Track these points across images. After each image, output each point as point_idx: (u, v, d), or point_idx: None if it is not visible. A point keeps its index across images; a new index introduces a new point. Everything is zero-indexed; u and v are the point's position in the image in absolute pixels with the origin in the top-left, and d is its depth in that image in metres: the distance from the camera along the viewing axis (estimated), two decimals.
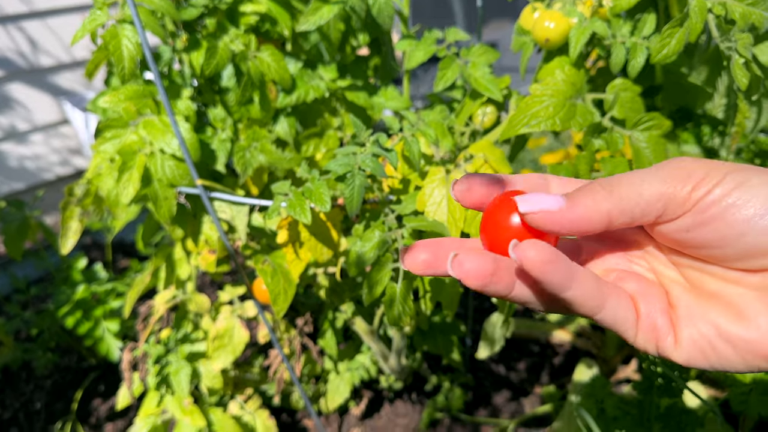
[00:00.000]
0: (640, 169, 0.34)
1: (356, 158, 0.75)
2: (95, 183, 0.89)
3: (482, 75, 0.90)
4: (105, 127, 0.92)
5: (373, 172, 0.74)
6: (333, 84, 1.01)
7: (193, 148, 0.89)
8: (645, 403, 0.88)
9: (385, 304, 0.75)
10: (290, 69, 0.99)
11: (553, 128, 0.70)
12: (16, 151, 2.36)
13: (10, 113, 2.27)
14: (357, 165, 0.74)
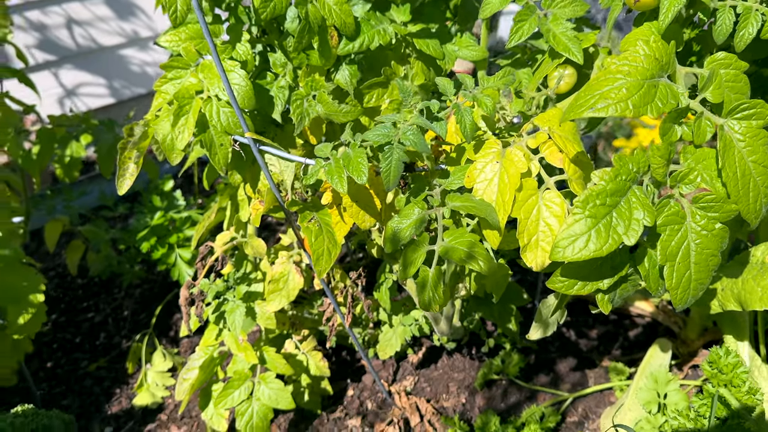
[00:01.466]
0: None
1: (397, 129, 0.69)
2: (153, 126, 0.89)
3: (563, 31, 0.79)
4: (166, 67, 0.91)
5: (415, 147, 0.67)
6: (402, 29, 0.93)
7: (247, 96, 0.86)
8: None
9: (417, 286, 0.71)
10: (357, 11, 0.92)
11: (623, 113, 0.60)
12: (138, 57, 2.47)
13: (133, 20, 2.36)
14: (397, 137, 0.68)
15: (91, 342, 1.50)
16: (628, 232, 0.62)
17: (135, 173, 0.91)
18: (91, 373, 1.41)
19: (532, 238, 0.71)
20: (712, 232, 0.64)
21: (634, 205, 0.63)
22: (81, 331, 1.54)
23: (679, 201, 0.65)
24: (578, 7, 0.81)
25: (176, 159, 0.91)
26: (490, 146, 0.74)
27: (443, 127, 0.72)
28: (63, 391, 1.36)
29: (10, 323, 1.16)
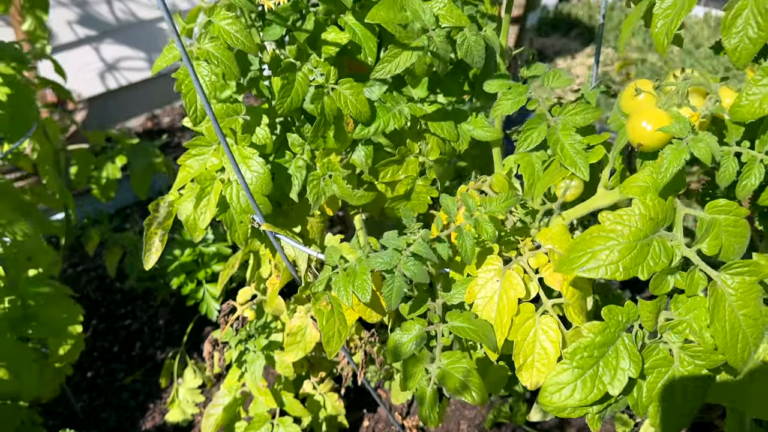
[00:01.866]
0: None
1: (400, 256, 0.72)
2: (176, 206, 0.94)
3: (571, 143, 0.79)
4: (190, 145, 0.94)
5: (415, 278, 0.70)
6: (419, 109, 0.94)
7: (264, 183, 0.90)
8: None
9: (417, 399, 0.75)
10: (374, 92, 0.93)
11: (614, 276, 0.62)
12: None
13: None
14: (399, 268, 0.71)
15: (127, 352, 1.60)
16: (613, 382, 0.65)
17: (161, 249, 0.97)
18: (127, 386, 1.52)
19: (528, 359, 0.74)
20: (698, 376, 0.66)
21: (621, 354, 0.65)
22: (119, 339, 1.64)
23: (668, 344, 0.67)
24: (589, 114, 0.81)
25: (199, 236, 0.96)
26: (491, 262, 0.77)
27: (445, 250, 0.74)
28: (102, 403, 1.47)
29: (51, 353, 1.26)
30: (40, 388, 1.26)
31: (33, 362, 1.21)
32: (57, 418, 1.42)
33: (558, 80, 0.84)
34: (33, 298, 1.22)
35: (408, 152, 0.98)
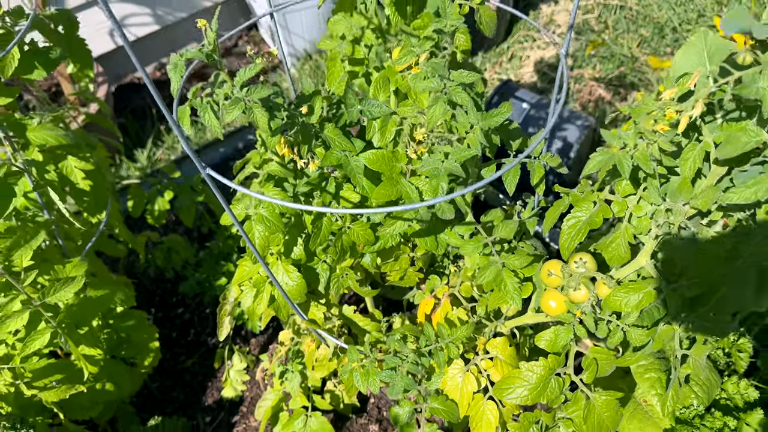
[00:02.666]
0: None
1: (397, 371, 1.13)
2: (239, 299, 1.34)
3: (511, 282, 1.17)
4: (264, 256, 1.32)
5: (403, 392, 1.12)
6: (409, 229, 1.30)
7: (300, 291, 1.28)
8: None
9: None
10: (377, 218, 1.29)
11: (525, 402, 1.03)
12: None
13: None
14: (397, 377, 1.12)
15: (184, 338, 2.05)
16: None
17: (230, 327, 1.37)
18: (188, 368, 1.98)
19: (479, 423, 1.17)
20: None
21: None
22: (175, 326, 2.08)
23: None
24: (531, 257, 1.18)
25: (255, 319, 1.36)
26: (456, 364, 1.18)
27: (427, 362, 1.15)
28: (171, 384, 1.94)
29: (138, 364, 1.70)
30: (132, 389, 1.71)
31: (126, 373, 1.66)
32: (140, 399, 1.90)
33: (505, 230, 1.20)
34: (123, 330, 1.64)
35: (401, 253, 1.36)
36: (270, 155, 1.22)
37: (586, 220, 1.02)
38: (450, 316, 1.25)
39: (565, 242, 1.04)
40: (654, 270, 1.00)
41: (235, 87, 1.00)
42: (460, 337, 1.14)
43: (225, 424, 1.83)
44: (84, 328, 1.34)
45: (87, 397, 1.55)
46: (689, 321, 0.98)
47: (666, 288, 0.96)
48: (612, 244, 1.01)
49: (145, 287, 2.18)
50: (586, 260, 1.07)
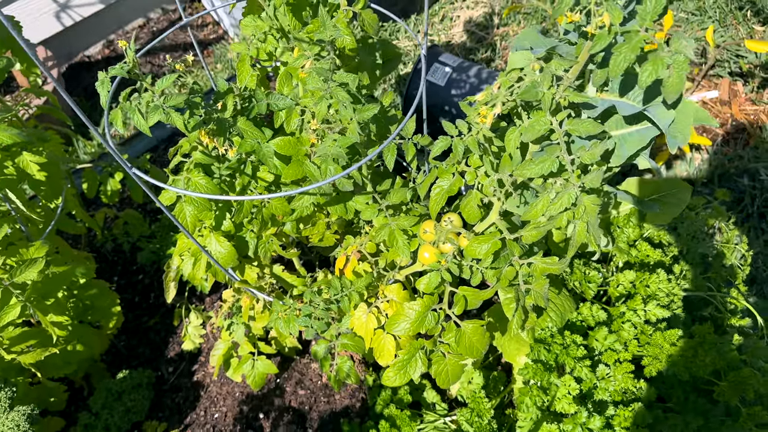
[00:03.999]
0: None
1: (312, 316, 1.39)
2: (180, 267, 1.58)
3: (402, 239, 1.44)
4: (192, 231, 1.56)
5: (319, 329, 1.39)
6: (322, 199, 1.55)
7: (231, 258, 1.53)
8: None
9: (321, 363, 1.48)
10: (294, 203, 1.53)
11: (407, 334, 1.31)
12: None
13: None
14: (312, 322, 1.39)
15: (146, 301, 2.30)
16: (414, 373, 1.37)
17: (174, 290, 1.62)
18: (151, 327, 2.23)
19: (381, 354, 1.46)
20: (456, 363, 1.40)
21: (417, 359, 1.37)
22: (137, 291, 2.32)
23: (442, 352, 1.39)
24: (417, 218, 1.44)
25: (197, 282, 1.61)
26: (361, 308, 1.45)
27: (335, 308, 1.42)
28: (136, 342, 2.20)
29: (103, 327, 1.95)
30: (101, 348, 1.96)
31: (94, 335, 1.91)
32: (109, 357, 2.16)
33: (396, 196, 1.46)
34: (87, 298, 1.88)
35: (317, 219, 1.61)
36: (196, 144, 1.45)
37: (447, 187, 1.28)
38: (357, 269, 1.51)
39: (432, 206, 1.30)
40: (502, 224, 1.27)
41: (155, 95, 1.22)
42: (361, 286, 1.41)
43: (186, 372, 2.10)
44: (50, 300, 1.58)
45: (60, 358, 1.80)
46: (528, 262, 1.26)
47: (505, 238, 1.24)
48: (468, 206, 1.27)
49: (107, 259, 2.41)
50: (452, 219, 1.34)
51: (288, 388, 2.01)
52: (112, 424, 1.85)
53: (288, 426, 1.92)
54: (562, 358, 1.37)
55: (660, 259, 1.59)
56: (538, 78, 0.98)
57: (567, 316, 1.45)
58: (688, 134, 0.98)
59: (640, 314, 1.40)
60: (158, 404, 2.02)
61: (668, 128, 0.99)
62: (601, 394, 1.40)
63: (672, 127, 0.99)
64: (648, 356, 1.35)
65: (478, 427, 1.53)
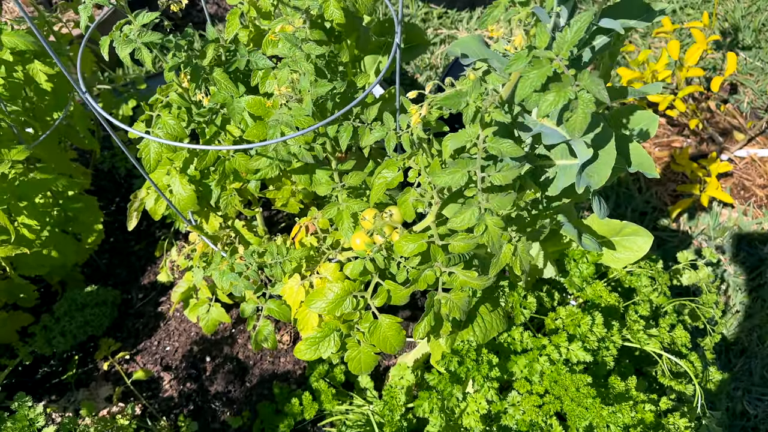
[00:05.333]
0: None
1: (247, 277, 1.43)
2: (143, 202, 1.64)
3: (348, 221, 1.44)
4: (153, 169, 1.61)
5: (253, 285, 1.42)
6: (286, 166, 1.57)
7: (191, 201, 1.57)
8: None
9: (249, 320, 1.51)
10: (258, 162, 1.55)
11: (323, 312, 1.33)
12: None
13: None
14: (251, 277, 1.42)
15: (138, 227, 2.39)
16: (325, 352, 1.39)
17: (136, 220, 1.68)
18: (135, 251, 2.33)
19: (305, 325, 1.48)
20: (370, 353, 1.40)
21: (331, 341, 1.38)
22: None
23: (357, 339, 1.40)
24: (363, 204, 1.45)
25: (158, 217, 1.67)
26: (295, 279, 1.47)
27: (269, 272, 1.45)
28: (117, 262, 2.30)
29: (83, 241, 2.04)
30: (76, 259, 2.07)
31: (72, 245, 2.00)
32: (89, 270, 2.27)
33: (353, 178, 1.46)
34: (71, 210, 1.97)
35: (283, 185, 1.64)
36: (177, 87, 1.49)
37: (389, 179, 1.28)
38: (304, 241, 1.53)
39: (372, 194, 1.30)
40: (434, 228, 1.26)
41: (133, 30, 1.26)
42: (296, 257, 1.43)
43: (153, 302, 2.19)
44: (24, 203, 1.67)
45: (33, 259, 1.90)
46: (450, 271, 1.24)
47: (433, 242, 1.23)
48: (404, 203, 1.27)
49: (115, 181, 2.51)
50: (393, 213, 1.34)
51: (240, 341, 2.07)
52: (68, 331, 1.95)
53: (227, 375, 1.98)
54: (472, 373, 1.35)
55: (612, 304, 1.53)
56: (466, 89, 0.96)
57: (491, 335, 1.43)
58: (604, 178, 0.94)
59: (562, 351, 1.37)
60: (119, 325, 2.12)
61: (586, 167, 0.96)
62: (508, 420, 1.38)
63: (591, 167, 0.96)
64: (550, 394, 1.32)
65: (389, 420, 1.53)
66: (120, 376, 1.98)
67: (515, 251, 1.19)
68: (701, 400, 1.45)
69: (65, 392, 1.95)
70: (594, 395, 1.25)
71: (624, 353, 1.60)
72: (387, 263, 1.31)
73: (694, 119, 2.64)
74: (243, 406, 1.92)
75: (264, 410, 1.82)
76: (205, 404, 1.93)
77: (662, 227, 2.61)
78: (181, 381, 1.99)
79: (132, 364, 2.02)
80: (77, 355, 2.03)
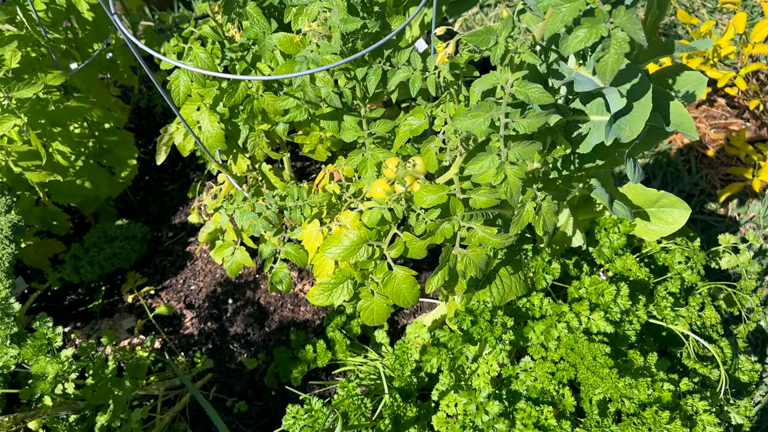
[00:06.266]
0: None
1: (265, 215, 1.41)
2: (172, 137, 1.64)
3: (372, 170, 1.40)
4: (183, 105, 1.59)
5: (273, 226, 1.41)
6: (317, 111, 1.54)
7: (218, 139, 1.56)
8: None
9: (272, 279, 1.50)
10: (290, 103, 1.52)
11: (337, 259, 1.31)
12: None
13: None
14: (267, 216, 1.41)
15: (173, 167, 2.41)
16: (339, 298, 1.37)
17: (166, 153, 1.69)
18: (168, 191, 2.35)
19: (320, 269, 1.46)
20: (382, 304, 1.38)
21: (344, 288, 1.36)
22: (168, 156, 2.43)
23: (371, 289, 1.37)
24: (388, 153, 1.41)
25: (186, 153, 1.67)
26: (314, 224, 1.45)
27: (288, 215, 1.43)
28: (151, 201, 2.33)
29: (117, 175, 2.07)
30: (110, 192, 2.09)
31: (105, 178, 2.03)
32: (123, 205, 2.30)
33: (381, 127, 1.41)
34: (107, 143, 1.99)
35: (310, 130, 1.61)
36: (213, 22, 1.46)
37: (415, 126, 1.23)
38: (327, 188, 1.51)
39: (396, 141, 1.26)
40: (456, 181, 1.21)
41: None
42: (316, 202, 1.41)
43: (181, 241, 2.21)
44: (58, 128, 1.69)
45: (68, 188, 1.93)
46: (469, 226, 1.20)
47: (454, 195, 1.18)
48: (428, 152, 1.22)
49: (153, 120, 2.53)
50: (416, 163, 1.30)
51: (262, 287, 2.08)
52: (96, 262, 1.99)
53: (247, 318, 2.00)
54: (485, 334, 1.31)
55: (642, 279, 1.47)
56: (497, 26, 0.90)
57: (509, 297, 1.39)
58: (636, 131, 0.88)
59: (582, 320, 1.31)
60: (147, 261, 2.15)
61: (618, 119, 0.89)
62: (519, 385, 1.34)
63: (623, 119, 0.89)
64: (565, 361, 1.27)
65: (399, 375, 1.51)
66: (143, 309, 2.02)
67: (539, 210, 1.14)
68: (725, 386, 1.38)
69: (90, 320, 2.00)
70: (611, 365, 1.19)
71: (649, 332, 1.54)
72: (406, 213, 1.27)
73: (755, 100, 2.49)
74: (260, 349, 1.93)
75: (280, 355, 1.83)
76: (224, 344, 1.95)
77: (708, 211, 2.49)
78: (202, 320, 2.01)
79: (156, 300, 2.06)
80: (104, 286, 2.08)
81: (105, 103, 2.01)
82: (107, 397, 1.52)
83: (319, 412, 1.35)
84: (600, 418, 1.24)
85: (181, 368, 1.85)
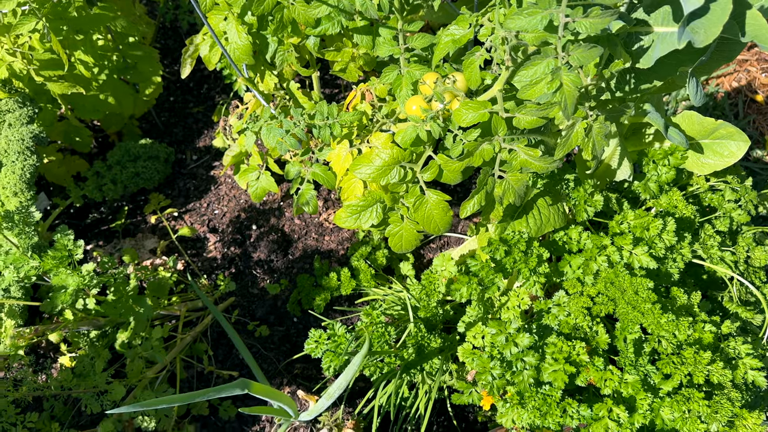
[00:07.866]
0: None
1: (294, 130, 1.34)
2: (198, 48, 1.56)
3: (407, 89, 1.32)
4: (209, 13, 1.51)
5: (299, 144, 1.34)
6: (351, 23, 1.44)
7: (246, 51, 1.48)
8: None
9: (298, 200, 1.44)
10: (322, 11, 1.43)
11: (367, 179, 1.24)
12: None
13: None
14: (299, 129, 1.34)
15: (198, 90, 2.34)
16: (367, 222, 1.31)
17: (191, 66, 1.61)
18: (193, 114, 2.29)
19: (348, 192, 1.40)
20: (412, 231, 1.32)
21: (374, 211, 1.30)
22: (194, 77, 2.37)
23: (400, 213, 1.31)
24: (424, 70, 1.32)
25: (211, 67, 1.59)
26: (344, 145, 1.38)
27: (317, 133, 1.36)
28: (175, 121, 2.27)
29: (141, 92, 2.01)
30: (134, 110, 2.04)
31: (129, 95, 1.97)
32: (147, 126, 2.25)
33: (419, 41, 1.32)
34: (131, 57, 1.92)
35: (342, 45, 1.51)
36: None
37: (458, 36, 1.14)
38: (358, 107, 1.43)
39: (437, 53, 1.17)
40: (500, 98, 1.12)
41: None
42: (346, 120, 1.33)
43: (206, 165, 2.16)
44: (81, 36, 1.62)
45: (91, 103, 1.88)
46: (510, 148, 1.12)
47: (497, 113, 1.10)
48: (470, 65, 1.13)
49: (179, 39, 2.45)
50: (456, 78, 1.21)
51: (287, 214, 2.03)
52: (119, 180, 1.95)
53: (271, 244, 1.96)
54: (519, 265, 1.25)
55: (688, 217, 1.38)
56: None
57: (546, 229, 1.32)
58: (712, 36, 0.78)
59: (624, 255, 1.24)
60: (171, 183, 2.11)
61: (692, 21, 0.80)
62: (551, 320, 1.29)
63: (698, 21, 0.79)
64: (603, 295, 1.21)
65: (424, 305, 1.47)
66: (166, 231, 1.99)
67: (589, 131, 1.05)
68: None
69: (112, 239, 1.98)
70: (654, 299, 1.13)
71: (690, 274, 1.47)
72: (443, 134, 1.19)
73: None
74: (283, 275, 1.90)
75: (303, 282, 1.80)
76: (247, 269, 1.92)
77: (754, 159, 2.36)
78: (225, 244, 1.98)
79: (179, 222, 2.03)
80: (127, 205, 2.05)
81: (130, 15, 1.93)
82: (128, 314, 1.50)
83: (342, 338, 1.32)
84: (635, 357, 1.18)
85: (203, 290, 1.82)
